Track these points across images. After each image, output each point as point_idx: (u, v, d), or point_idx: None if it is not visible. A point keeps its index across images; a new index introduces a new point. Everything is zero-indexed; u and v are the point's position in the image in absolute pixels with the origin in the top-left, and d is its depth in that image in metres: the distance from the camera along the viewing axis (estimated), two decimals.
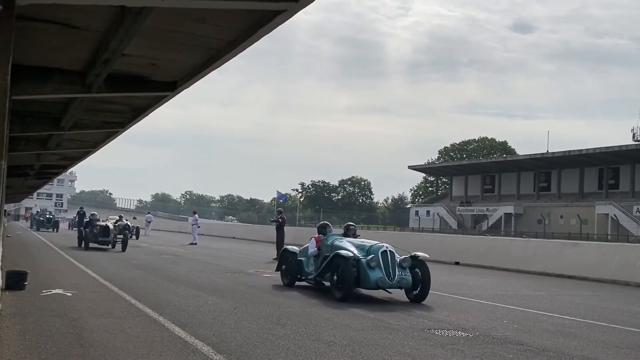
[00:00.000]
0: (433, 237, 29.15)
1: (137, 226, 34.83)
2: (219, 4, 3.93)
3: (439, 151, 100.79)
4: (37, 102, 7.82)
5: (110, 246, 21.82)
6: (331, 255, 10.26)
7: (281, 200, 63.05)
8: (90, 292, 9.67)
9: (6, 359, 5.12)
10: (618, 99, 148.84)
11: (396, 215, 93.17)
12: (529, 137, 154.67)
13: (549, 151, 67.24)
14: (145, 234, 38.46)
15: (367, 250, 10.12)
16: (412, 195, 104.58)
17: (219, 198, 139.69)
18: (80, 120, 9.51)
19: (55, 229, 41.47)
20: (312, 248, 11.22)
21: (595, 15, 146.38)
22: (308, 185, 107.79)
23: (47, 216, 44.63)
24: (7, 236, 24.44)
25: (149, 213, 50.41)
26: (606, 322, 8.70)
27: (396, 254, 10.10)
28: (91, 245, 21.52)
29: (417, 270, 9.92)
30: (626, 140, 67.19)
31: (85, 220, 24.16)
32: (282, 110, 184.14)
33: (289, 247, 12.43)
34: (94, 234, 21.59)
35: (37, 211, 57.28)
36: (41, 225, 42.22)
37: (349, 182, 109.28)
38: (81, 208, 38.14)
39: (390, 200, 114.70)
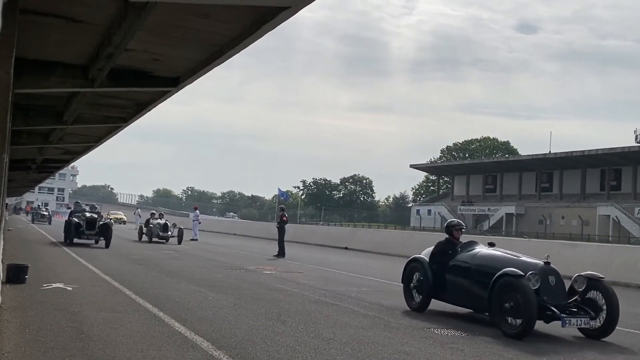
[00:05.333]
0: (435, 237, 29.09)
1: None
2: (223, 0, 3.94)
3: (441, 150, 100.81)
4: (40, 95, 7.82)
5: None
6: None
7: (282, 198, 63.15)
8: (90, 287, 9.69)
9: (6, 352, 5.13)
10: (621, 100, 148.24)
11: (397, 213, 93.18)
12: (532, 138, 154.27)
13: (551, 152, 67.21)
14: (135, 228, 39.87)
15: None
16: (413, 194, 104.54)
17: (220, 194, 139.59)
18: (82, 115, 9.52)
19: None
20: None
21: (599, 17, 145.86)
22: (309, 183, 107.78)
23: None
24: (9, 230, 24.47)
25: (138, 209, 55.28)
26: None
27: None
28: None
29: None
30: (629, 141, 67.14)
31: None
32: (285, 107, 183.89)
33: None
34: None
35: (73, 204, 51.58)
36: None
37: (351, 180, 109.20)
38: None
39: (391, 199, 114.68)
